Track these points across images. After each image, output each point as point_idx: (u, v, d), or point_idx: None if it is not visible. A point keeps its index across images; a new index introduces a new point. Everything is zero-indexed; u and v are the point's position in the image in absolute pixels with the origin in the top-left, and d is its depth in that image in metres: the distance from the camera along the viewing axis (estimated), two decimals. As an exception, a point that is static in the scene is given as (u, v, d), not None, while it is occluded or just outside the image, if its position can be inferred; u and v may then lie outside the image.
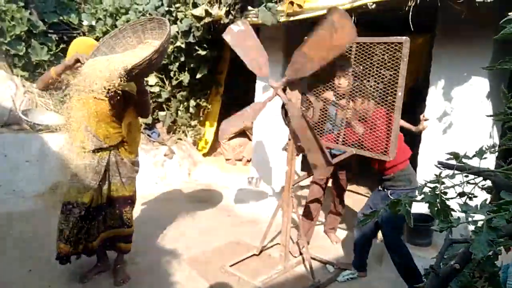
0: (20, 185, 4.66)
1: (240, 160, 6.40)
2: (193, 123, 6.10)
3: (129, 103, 2.88)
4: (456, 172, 1.10)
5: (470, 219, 0.83)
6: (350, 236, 4.07)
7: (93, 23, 6.38)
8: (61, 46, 5.97)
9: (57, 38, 6.21)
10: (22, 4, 5.87)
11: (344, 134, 3.00)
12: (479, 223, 0.78)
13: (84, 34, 6.28)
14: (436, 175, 1.18)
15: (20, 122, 5.17)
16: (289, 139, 3.24)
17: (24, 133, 5.01)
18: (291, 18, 3.87)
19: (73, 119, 2.73)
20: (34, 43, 5.77)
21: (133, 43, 2.81)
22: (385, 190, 3.07)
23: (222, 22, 4.46)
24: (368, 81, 2.86)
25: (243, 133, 6.35)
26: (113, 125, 2.82)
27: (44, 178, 4.79)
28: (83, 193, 2.76)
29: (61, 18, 6.37)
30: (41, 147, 4.92)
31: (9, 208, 4.29)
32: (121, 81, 2.41)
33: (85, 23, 6.42)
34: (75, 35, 6.09)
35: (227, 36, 3.25)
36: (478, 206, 0.86)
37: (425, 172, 3.38)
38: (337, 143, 3.05)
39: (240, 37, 3.20)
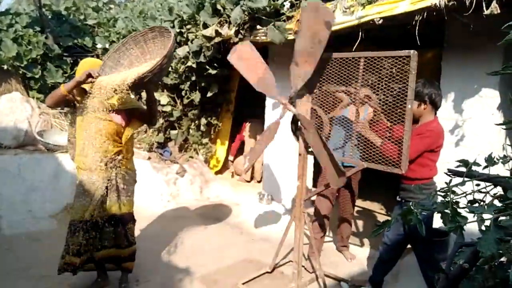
0: (36, 205, 4.71)
1: (252, 177, 6.40)
2: (204, 141, 6.15)
3: (132, 118, 2.96)
4: (466, 179, 1.09)
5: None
6: (364, 253, 4.02)
7: (107, 45, 6.58)
8: (75, 68, 6.15)
9: (71, 61, 6.41)
10: (38, 29, 6.09)
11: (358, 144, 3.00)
12: (487, 222, 0.78)
13: (98, 57, 6.47)
14: (446, 183, 1.17)
15: (35, 143, 5.29)
16: (300, 154, 3.24)
17: (39, 154, 5.11)
18: (300, 36, 3.92)
19: (78, 138, 2.80)
20: (49, 66, 5.96)
21: (136, 53, 2.89)
22: (404, 201, 2.97)
23: (231, 41, 4.54)
24: (377, 94, 2.89)
25: (254, 151, 6.37)
26: (115, 142, 2.87)
27: (59, 198, 4.84)
28: (87, 210, 2.80)
29: (75, 41, 6.59)
30: (56, 167, 5.00)
31: (25, 228, 4.33)
32: (131, 89, 2.48)
33: (99, 46, 6.63)
34: (89, 57, 6.27)
35: (232, 59, 3.22)
36: (485, 207, 0.86)
37: (438, 186, 3.34)
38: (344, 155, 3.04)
39: (245, 60, 3.19)
